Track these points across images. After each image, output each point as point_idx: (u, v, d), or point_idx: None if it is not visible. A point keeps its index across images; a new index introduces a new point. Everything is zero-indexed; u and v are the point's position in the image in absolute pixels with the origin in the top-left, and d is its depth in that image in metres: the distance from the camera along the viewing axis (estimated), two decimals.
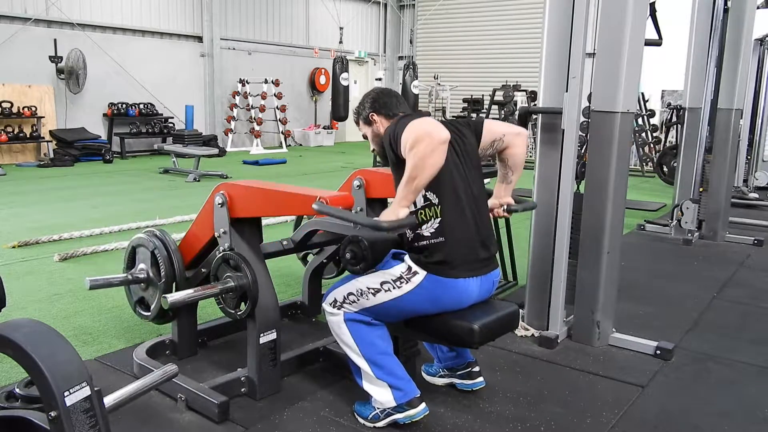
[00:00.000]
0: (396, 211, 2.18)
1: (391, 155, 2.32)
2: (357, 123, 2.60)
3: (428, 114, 2.45)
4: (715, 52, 5.61)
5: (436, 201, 2.29)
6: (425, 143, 2.09)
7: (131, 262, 2.88)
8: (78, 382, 1.55)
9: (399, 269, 2.29)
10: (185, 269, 2.79)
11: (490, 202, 2.61)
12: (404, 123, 2.23)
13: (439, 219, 2.28)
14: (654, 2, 4.32)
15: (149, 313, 2.87)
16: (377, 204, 3.09)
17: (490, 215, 2.55)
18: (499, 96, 12.65)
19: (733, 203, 6.59)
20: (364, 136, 2.59)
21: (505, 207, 2.64)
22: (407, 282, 2.27)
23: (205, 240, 2.74)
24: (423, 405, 2.35)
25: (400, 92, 13.71)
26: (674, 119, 8.68)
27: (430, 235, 2.28)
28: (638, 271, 4.66)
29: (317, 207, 2.23)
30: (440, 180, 2.26)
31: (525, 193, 3.54)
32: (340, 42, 13.82)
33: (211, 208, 2.61)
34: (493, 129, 2.52)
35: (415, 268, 2.28)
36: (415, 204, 2.28)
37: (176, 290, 2.76)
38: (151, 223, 5.81)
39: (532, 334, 3.31)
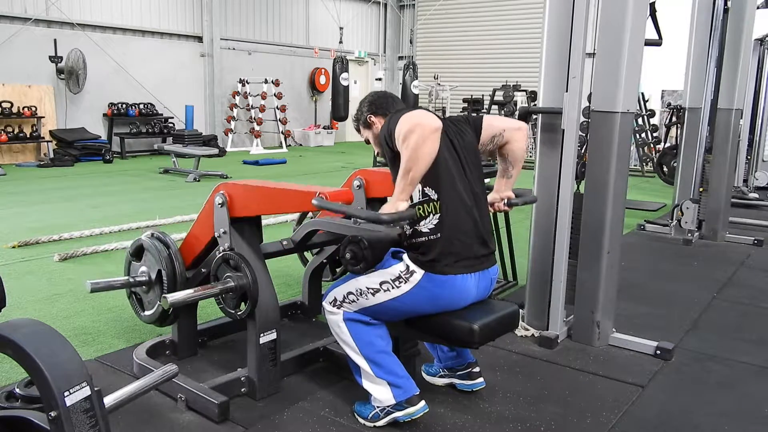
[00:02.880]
0: (395, 204, 2.18)
1: (387, 150, 2.33)
2: (358, 130, 2.61)
3: (426, 110, 2.44)
4: (715, 52, 5.61)
5: (435, 197, 2.29)
6: (417, 133, 2.09)
7: (136, 258, 2.88)
8: (78, 382, 1.55)
9: (397, 269, 2.29)
10: (186, 270, 2.80)
11: (491, 196, 2.61)
12: (397, 117, 2.24)
13: (438, 215, 2.28)
14: (654, 2, 4.32)
15: (151, 314, 2.87)
16: (377, 204, 3.08)
17: (490, 211, 2.56)
18: (499, 96, 12.65)
19: (733, 203, 6.59)
20: (367, 141, 2.59)
21: (506, 201, 2.65)
22: (405, 282, 2.27)
23: (205, 241, 2.74)
24: (422, 403, 2.36)
25: (399, 92, 13.73)
26: (674, 119, 8.68)
27: (428, 231, 2.28)
28: (638, 271, 4.66)
29: (317, 202, 2.24)
30: (439, 175, 2.27)
31: (525, 193, 3.53)
32: (340, 42, 13.81)
33: (211, 209, 2.61)
34: (493, 124, 2.52)
35: (413, 267, 2.27)
36: (412, 199, 2.28)
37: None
38: (151, 223, 5.82)
39: (532, 334, 3.31)
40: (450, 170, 2.31)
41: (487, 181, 2.59)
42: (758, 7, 5.88)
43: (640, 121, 10.87)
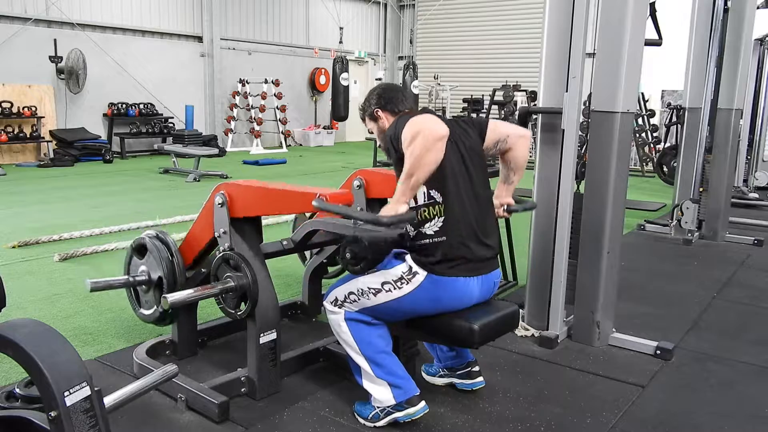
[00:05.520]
0: (396, 207, 2.18)
1: (393, 152, 2.33)
2: (363, 119, 2.61)
3: (432, 111, 2.42)
4: (715, 52, 5.60)
5: (440, 199, 2.29)
6: (422, 140, 2.09)
7: (137, 256, 2.87)
8: (78, 382, 1.55)
9: (400, 269, 2.29)
10: (186, 270, 2.79)
11: None
12: (405, 120, 2.24)
13: (442, 218, 2.28)
14: (654, 2, 4.32)
15: (149, 314, 2.87)
16: (377, 204, 3.09)
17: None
18: (499, 96, 12.63)
19: (733, 203, 6.59)
20: (370, 132, 2.60)
21: (506, 207, 2.65)
22: (408, 283, 2.27)
23: (205, 241, 2.74)
24: (422, 403, 2.36)
25: None
26: (674, 119, 8.68)
27: (433, 233, 2.28)
28: (638, 271, 4.66)
29: (317, 204, 2.24)
30: (445, 179, 2.27)
31: (525, 193, 3.54)
32: (340, 42, 13.81)
33: (212, 208, 2.61)
34: (498, 129, 2.52)
35: (415, 268, 2.28)
36: (417, 201, 2.29)
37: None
38: (152, 223, 5.82)
39: (532, 334, 3.31)
40: (455, 174, 2.31)
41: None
42: (758, 7, 5.88)
43: (640, 121, 10.87)
